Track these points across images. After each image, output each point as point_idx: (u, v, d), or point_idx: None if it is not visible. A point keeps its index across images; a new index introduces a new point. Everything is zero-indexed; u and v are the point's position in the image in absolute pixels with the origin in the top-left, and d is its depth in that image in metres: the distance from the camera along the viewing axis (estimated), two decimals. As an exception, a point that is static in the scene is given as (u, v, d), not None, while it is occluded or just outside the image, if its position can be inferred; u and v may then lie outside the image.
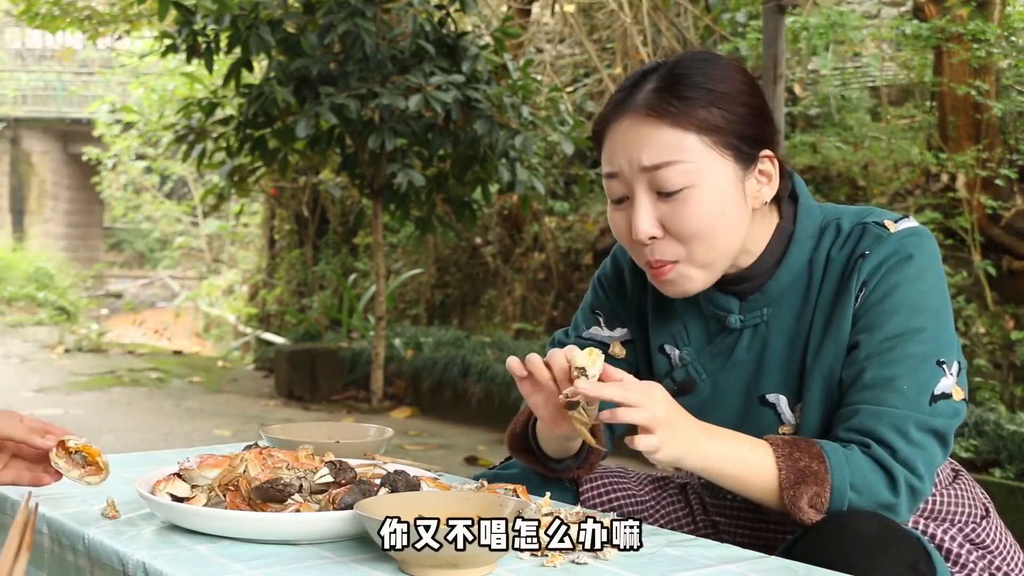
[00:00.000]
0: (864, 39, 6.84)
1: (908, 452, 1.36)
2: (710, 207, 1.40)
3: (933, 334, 1.40)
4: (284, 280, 10.90)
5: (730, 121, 1.41)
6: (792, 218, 1.50)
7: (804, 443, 1.38)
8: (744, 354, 1.51)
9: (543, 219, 8.15)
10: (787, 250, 1.48)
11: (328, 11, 5.91)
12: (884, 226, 1.45)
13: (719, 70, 1.44)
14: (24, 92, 20.79)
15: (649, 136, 1.41)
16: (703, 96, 1.41)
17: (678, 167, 1.40)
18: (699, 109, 1.40)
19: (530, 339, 7.67)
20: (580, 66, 8.86)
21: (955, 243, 5.76)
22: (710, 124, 1.40)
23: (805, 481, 1.35)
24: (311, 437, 1.62)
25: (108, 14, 9.57)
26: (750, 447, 1.39)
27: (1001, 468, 4.07)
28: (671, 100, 1.40)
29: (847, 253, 1.46)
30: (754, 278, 1.49)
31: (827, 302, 1.46)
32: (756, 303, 1.50)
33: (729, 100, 1.42)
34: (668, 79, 1.43)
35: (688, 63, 1.45)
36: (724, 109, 1.41)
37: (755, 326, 1.51)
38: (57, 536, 1.36)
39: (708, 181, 1.40)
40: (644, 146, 1.41)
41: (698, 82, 1.42)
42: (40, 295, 15.51)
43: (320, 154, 6.83)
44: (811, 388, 1.45)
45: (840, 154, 6.46)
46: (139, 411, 6.88)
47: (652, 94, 1.42)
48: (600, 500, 1.63)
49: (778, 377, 1.49)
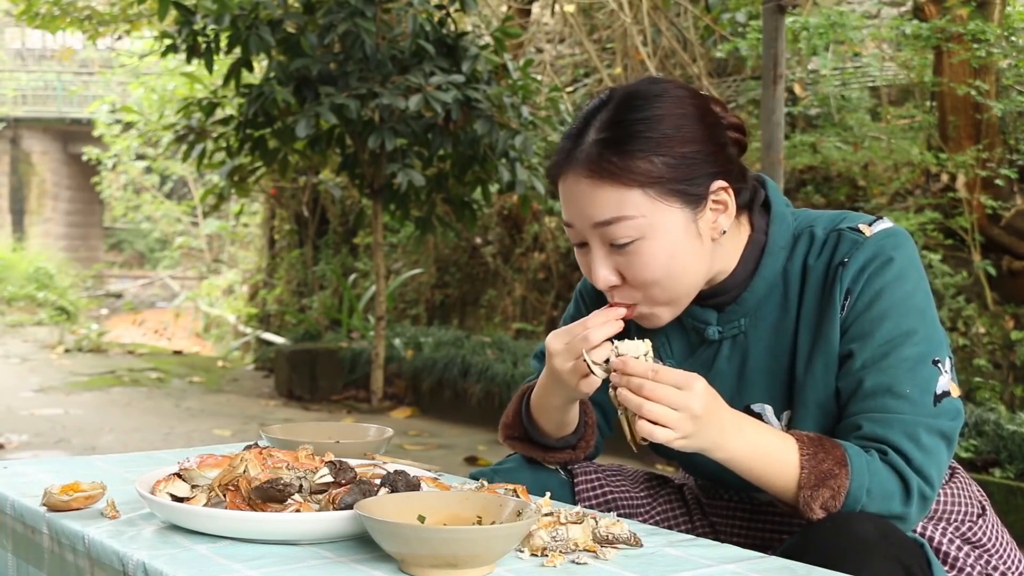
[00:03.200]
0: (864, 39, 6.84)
1: (922, 460, 1.36)
2: (662, 255, 1.40)
3: (925, 334, 1.40)
4: (284, 280, 10.90)
5: (674, 167, 1.39)
6: (764, 228, 1.49)
7: (829, 443, 1.38)
8: (725, 365, 1.52)
9: (543, 219, 8.16)
10: (760, 261, 1.48)
11: (328, 11, 5.91)
12: (859, 230, 1.45)
13: (661, 107, 1.41)
14: (24, 92, 20.81)
15: (593, 195, 1.40)
16: (642, 146, 1.39)
17: (625, 223, 1.39)
18: (639, 162, 1.38)
19: (530, 339, 7.67)
20: (580, 66, 8.86)
21: (955, 243, 5.76)
22: (652, 176, 1.38)
23: (824, 484, 1.35)
24: (311, 437, 1.62)
25: (108, 14, 9.57)
26: (776, 443, 1.39)
27: (1001, 468, 4.07)
28: (610, 157, 1.39)
29: (825, 261, 1.46)
30: (729, 290, 1.50)
31: (811, 312, 1.46)
32: (733, 314, 1.50)
33: (671, 143, 1.39)
34: (608, 127, 1.41)
35: (629, 103, 1.42)
36: (666, 155, 1.39)
37: (734, 337, 1.51)
38: (57, 536, 1.36)
39: (657, 231, 1.40)
40: (590, 204, 1.41)
41: (638, 131, 1.39)
42: (40, 295, 15.51)
43: (320, 154, 6.83)
44: (804, 401, 1.45)
45: (840, 154, 6.46)
46: (139, 411, 6.88)
47: (593, 148, 1.40)
48: (596, 497, 1.63)
49: (762, 387, 1.49)
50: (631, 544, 1.27)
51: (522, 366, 6.34)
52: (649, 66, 7.38)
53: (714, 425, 1.35)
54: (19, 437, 5.80)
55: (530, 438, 1.62)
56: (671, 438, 1.33)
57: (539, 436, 1.60)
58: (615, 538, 1.27)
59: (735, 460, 1.38)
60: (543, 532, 1.24)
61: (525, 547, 1.24)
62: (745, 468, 1.39)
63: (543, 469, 1.64)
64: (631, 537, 1.28)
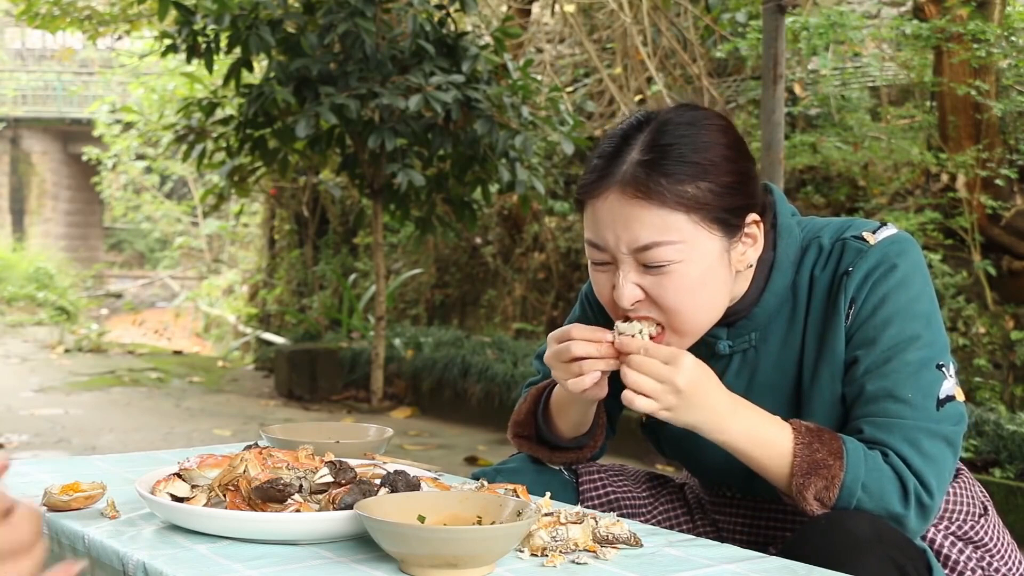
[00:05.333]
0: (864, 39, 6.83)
1: (921, 466, 1.36)
2: (693, 281, 1.40)
3: (929, 340, 1.41)
4: (284, 280, 10.90)
5: (718, 195, 1.39)
6: (772, 244, 1.49)
7: (828, 435, 1.39)
8: (734, 379, 1.51)
9: (543, 219, 8.15)
10: (769, 277, 1.48)
11: (328, 11, 5.91)
12: (863, 239, 1.45)
13: (704, 136, 1.40)
14: (24, 92, 20.81)
15: (636, 217, 1.38)
16: (690, 171, 1.38)
17: (666, 247, 1.38)
18: (686, 186, 1.37)
19: (530, 339, 7.67)
20: (580, 66, 8.86)
21: (955, 243, 5.76)
22: (698, 201, 1.38)
23: (817, 473, 1.36)
24: (311, 437, 1.63)
25: (108, 14, 9.57)
26: (772, 429, 1.39)
27: (1001, 468, 4.07)
28: (658, 179, 1.37)
29: (831, 272, 1.46)
30: (739, 311, 1.50)
31: (817, 323, 1.46)
32: (744, 328, 1.51)
33: (716, 171, 1.39)
34: (653, 151, 1.39)
35: (673, 130, 1.41)
36: (712, 183, 1.38)
37: (744, 351, 1.52)
38: (57, 536, 1.36)
39: (694, 257, 1.39)
40: (631, 226, 1.38)
41: (684, 155, 1.38)
42: (40, 295, 15.51)
43: (320, 154, 6.83)
44: (811, 412, 1.46)
45: (840, 154, 6.46)
46: (139, 411, 6.88)
47: (638, 168, 1.38)
48: (598, 497, 1.63)
49: (769, 400, 1.49)
50: (631, 544, 1.28)
51: (522, 366, 6.33)
52: (649, 66, 7.38)
53: (703, 403, 1.36)
54: (19, 437, 5.80)
55: (540, 437, 1.63)
56: (652, 408, 1.36)
57: (552, 436, 1.61)
58: (615, 538, 1.27)
59: (729, 442, 1.39)
60: (543, 532, 1.24)
61: (525, 547, 1.24)
62: (739, 451, 1.40)
63: (547, 469, 1.64)
64: (631, 537, 1.28)
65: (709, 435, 1.39)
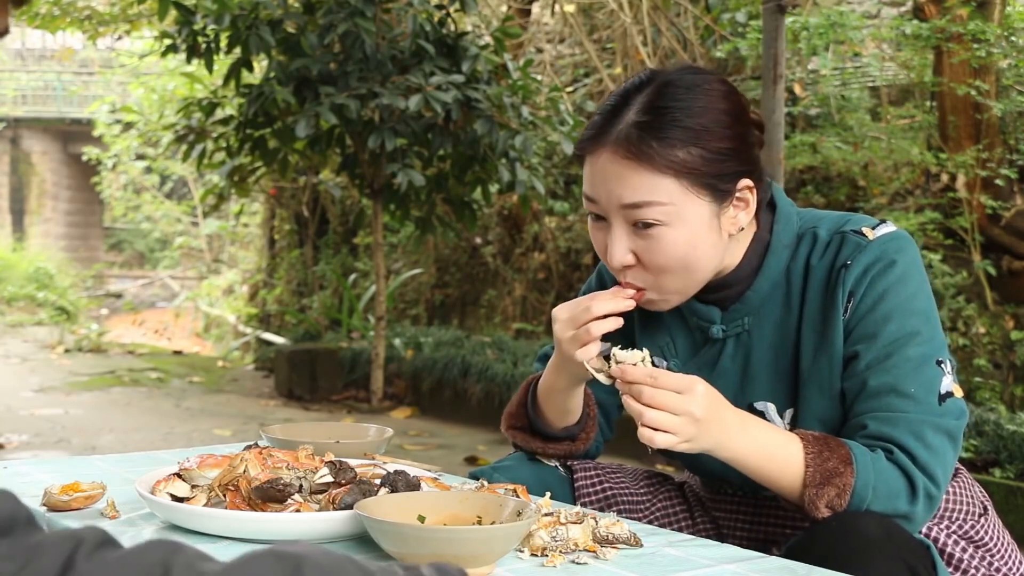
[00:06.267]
0: (864, 39, 6.83)
1: (928, 459, 1.36)
2: (683, 244, 1.41)
3: (928, 336, 1.41)
4: (284, 280, 10.90)
5: (709, 161, 1.40)
6: (769, 227, 1.50)
7: (834, 443, 1.39)
8: (729, 363, 1.53)
9: (543, 219, 8.15)
10: (764, 259, 1.49)
11: (328, 11, 5.91)
12: (862, 234, 1.46)
13: (702, 100, 1.42)
14: (24, 92, 20.81)
15: (627, 176, 1.41)
16: (683, 135, 1.39)
17: (654, 208, 1.40)
18: (677, 151, 1.39)
19: (530, 339, 7.67)
20: (580, 66, 8.86)
21: (955, 243, 5.76)
22: (688, 167, 1.40)
23: (830, 483, 1.36)
24: (311, 437, 1.63)
25: (108, 14, 9.57)
26: (781, 442, 1.39)
27: (1001, 468, 4.07)
28: (649, 142, 1.39)
29: (828, 263, 1.47)
30: (732, 286, 1.51)
31: (814, 313, 1.47)
32: (737, 312, 1.51)
33: (710, 136, 1.41)
34: (649, 112, 1.41)
35: (672, 92, 1.42)
36: (704, 148, 1.40)
37: (737, 335, 1.52)
38: (57, 536, 1.36)
39: (682, 220, 1.41)
40: (621, 184, 1.41)
41: (678, 119, 1.40)
42: (40, 295, 15.51)
43: (320, 154, 6.83)
44: (807, 399, 1.46)
45: (840, 154, 6.45)
46: (139, 411, 6.88)
47: (632, 129, 1.40)
48: (595, 494, 1.63)
49: (765, 385, 1.50)
50: (631, 544, 1.28)
51: (522, 366, 6.34)
52: (649, 66, 7.38)
53: (717, 426, 1.35)
54: (19, 437, 5.80)
55: (532, 428, 1.63)
56: (673, 443, 1.33)
57: (542, 425, 1.61)
58: (615, 538, 1.27)
59: (740, 459, 1.39)
60: (543, 532, 1.24)
61: (525, 547, 1.24)
62: (750, 467, 1.39)
63: (543, 466, 1.64)
64: (631, 537, 1.28)
65: (720, 455, 1.38)
